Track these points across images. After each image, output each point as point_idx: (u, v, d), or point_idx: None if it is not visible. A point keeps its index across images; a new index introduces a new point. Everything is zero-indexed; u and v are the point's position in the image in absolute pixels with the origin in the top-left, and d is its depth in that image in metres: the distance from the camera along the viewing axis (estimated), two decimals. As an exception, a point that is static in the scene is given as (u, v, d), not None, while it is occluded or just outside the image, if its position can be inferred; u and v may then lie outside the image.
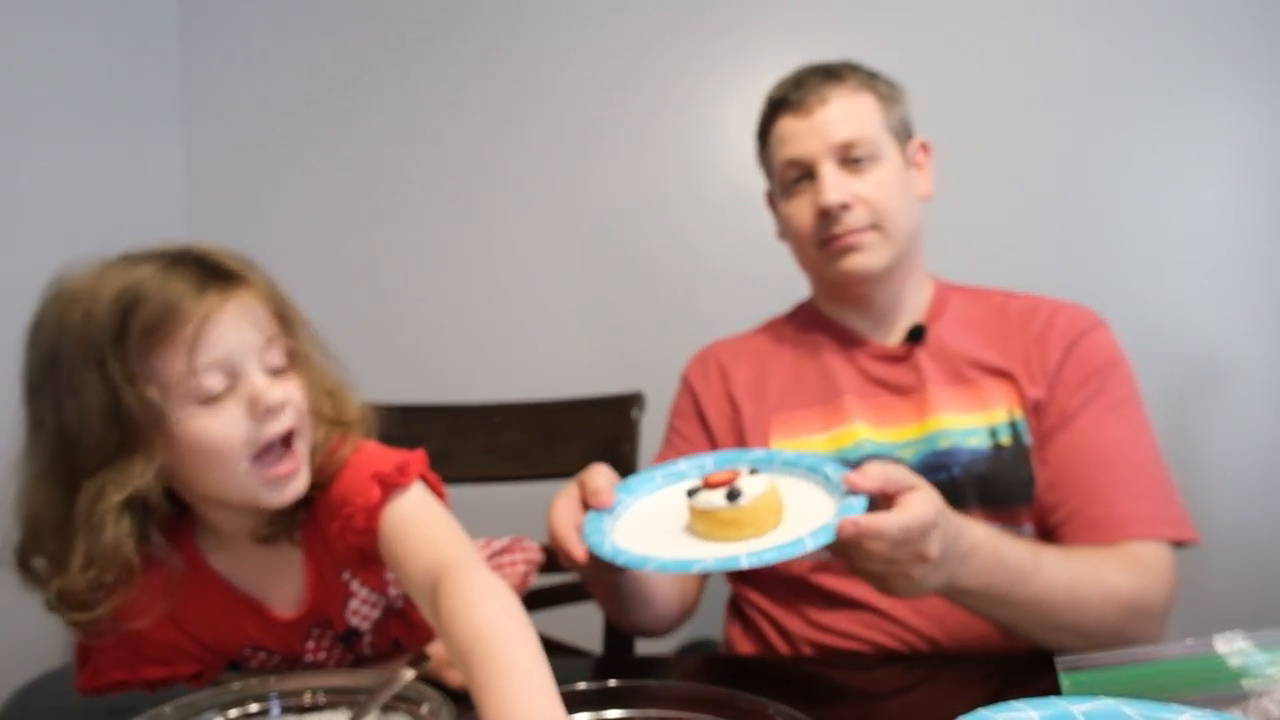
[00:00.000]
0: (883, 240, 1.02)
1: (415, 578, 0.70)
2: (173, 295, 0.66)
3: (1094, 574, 0.83)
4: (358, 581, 0.79)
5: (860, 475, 0.72)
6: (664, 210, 1.94)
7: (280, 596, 0.78)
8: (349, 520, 0.73)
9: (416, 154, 2.04)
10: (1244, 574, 1.67)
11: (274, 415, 0.69)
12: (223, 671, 0.81)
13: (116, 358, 0.64)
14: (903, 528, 0.67)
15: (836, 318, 1.10)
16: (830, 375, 1.06)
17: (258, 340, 0.70)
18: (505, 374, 1.95)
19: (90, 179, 1.93)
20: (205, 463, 0.68)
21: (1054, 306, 1.04)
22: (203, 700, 0.68)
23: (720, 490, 0.74)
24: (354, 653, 0.84)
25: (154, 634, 0.75)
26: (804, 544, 0.67)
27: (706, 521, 0.74)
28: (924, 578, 0.71)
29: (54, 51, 1.87)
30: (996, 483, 0.95)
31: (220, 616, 0.77)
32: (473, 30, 2.04)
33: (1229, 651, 0.60)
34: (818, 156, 1.01)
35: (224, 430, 0.67)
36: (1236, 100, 1.75)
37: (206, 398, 0.67)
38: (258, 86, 2.13)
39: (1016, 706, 0.54)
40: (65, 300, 0.68)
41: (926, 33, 1.83)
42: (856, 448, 1.00)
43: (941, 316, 1.06)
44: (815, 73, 1.05)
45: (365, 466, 0.75)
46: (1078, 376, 0.97)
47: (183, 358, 0.65)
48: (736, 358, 1.14)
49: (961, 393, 1.00)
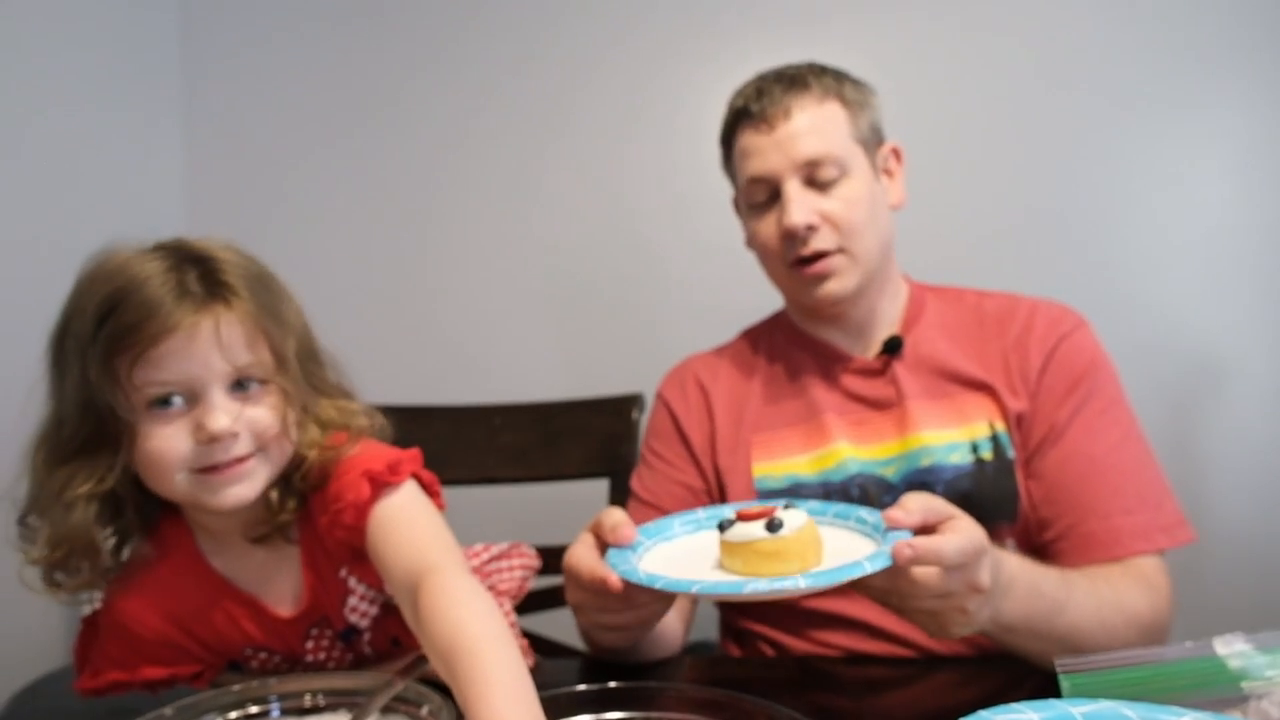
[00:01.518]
0: (851, 263, 0.98)
1: (397, 576, 0.70)
2: (152, 304, 0.66)
3: (1116, 597, 0.82)
4: (355, 578, 0.79)
5: (901, 511, 0.69)
6: (683, 210, 1.95)
7: (279, 595, 0.79)
8: (338, 516, 0.74)
9: (416, 155, 2.05)
10: (1243, 574, 1.67)
11: (220, 443, 0.69)
12: (223, 672, 0.81)
13: (94, 354, 0.66)
14: (959, 550, 0.65)
15: (812, 332, 1.07)
16: (809, 393, 1.03)
17: (224, 364, 0.69)
18: (506, 374, 1.95)
19: (90, 179, 1.93)
20: (147, 471, 0.70)
21: (1031, 307, 1.01)
22: (203, 702, 0.68)
23: (758, 522, 0.70)
24: (354, 651, 0.84)
25: (154, 633, 0.75)
26: (862, 566, 0.63)
27: (744, 555, 0.69)
28: (978, 610, 0.68)
29: (54, 51, 1.87)
30: (980, 500, 0.92)
31: (220, 616, 0.77)
32: (473, 31, 2.04)
33: (1229, 654, 0.60)
34: (782, 174, 0.97)
35: (168, 445, 0.68)
36: (1235, 100, 1.75)
37: (160, 411, 0.68)
38: (258, 86, 2.13)
39: (1016, 708, 0.54)
40: (82, 283, 0.70)
41: (927, 33, 1.83)
42: (840, 468, 0.98)
43: (918, 323, 1.04)
44: (778, 81, 1.00)
45: (358, 464, 0.75)
46: (1062, 385, 0.95)
47: (147, 368, 0.66)
48: (714, 375, 1.10)
49: (941, 407, 0.98)
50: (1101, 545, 0.89)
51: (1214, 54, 1.74)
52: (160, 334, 0.66)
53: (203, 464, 0.69)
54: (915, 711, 0.75)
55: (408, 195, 2.03)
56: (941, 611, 0.68)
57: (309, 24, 2.10)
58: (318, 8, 2.09)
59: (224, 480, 0.70)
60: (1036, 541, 0.94)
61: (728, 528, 0.71)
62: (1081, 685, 0.60)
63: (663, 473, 1.07)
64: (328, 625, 0.81)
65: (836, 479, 0.97)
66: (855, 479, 0.97)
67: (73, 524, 0.69)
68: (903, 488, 0.95)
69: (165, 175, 2.12)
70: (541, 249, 2.00)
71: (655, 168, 1.97)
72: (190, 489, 0.70)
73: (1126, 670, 0.60)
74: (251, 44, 2.13)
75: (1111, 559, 0.88)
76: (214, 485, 0.70)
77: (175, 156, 2.16)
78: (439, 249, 2.04)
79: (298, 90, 2.10)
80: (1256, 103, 1.73)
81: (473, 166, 2.03)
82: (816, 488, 0.98)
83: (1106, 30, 1.79)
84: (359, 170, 2.05)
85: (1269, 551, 1.71)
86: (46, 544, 0.69)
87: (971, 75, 1.83)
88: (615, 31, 1.97)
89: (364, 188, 2.05)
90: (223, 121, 2.14)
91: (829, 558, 0.70)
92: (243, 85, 2.13)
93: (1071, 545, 0.90)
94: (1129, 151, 1.80)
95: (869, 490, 0.96)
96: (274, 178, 2.06)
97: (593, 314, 1.97)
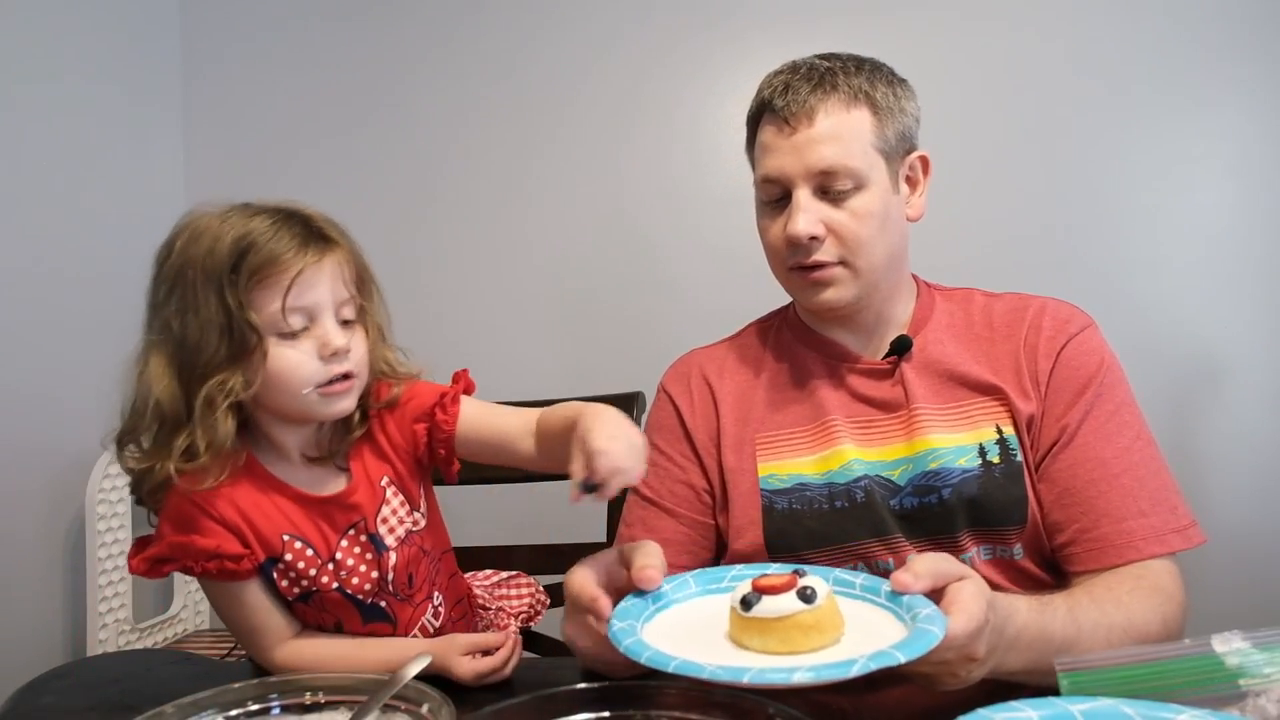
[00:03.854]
0: (851, 277, 0.97)
1: (514, 426, 0.93)
2: (279, 248, 0.82)
3: (1126, 620, 0.81)
4: (394, 489, 0.93)
5: (910, 575, 0.68)
6: (682, 210, 1.95)
7: (324, 490, 0.91)
8: (432, 409, 0.93)
9: (415, 154, 2.05)
10: (1242, 573, 1.67)
11: (338, 358, 0.85)
12: (264, 561, 0.87)
13: (231, 288, 0.81)
14: (965, 632, 0.64)
15: (820, 331, 1.06)
16: (815, 393, 1.02)
17: (336, 296, 0.86)
18: (505, 373, 1.95)
19: (90, 179, 1.94)
20: (277, 384, 0.84)
21: (1039, 307, 1.00)
22: (203, 700, 0.68)
23: (788, 595, 0.65)
24: (380, 571, 0.91)
25: (215, 504, 0.85)
26: (896, 657, 0.60)
27: (780, 631, 0.65)
28: (969, 674, 0.69)
29: (54, 52, 1.87)
30: (988, 504, 0.92)
31: (269, 502, 0.88)
32: (472, 30, 2.04)
33: (1227, 651, 0.60)
34: (795, 180, 0.95)
35: (297, 362, 0.84)
36: (1235, 101, 1.75)
37: (288, 333, 0.84)
38: (258, 85, 2.13)
39: (1016, 706, 0.54)
40: (193, 234, 0.84)
41: (927, 33, 1.83)
42: (846, 470, 0.97)
43: (927, 324, 1.03)
44: (807, 78, 0.97)
45: (426, 386, 0.96)
46: (1072, 386, 0.95)
47: (277, 299, 0.82)
48: (720, 370, 1.09)
49: (949, 410, 0.97)
50: (1115, 548, 0.88)
51: (1214, 55, 1.75)
52: (295, 268, 0.82)
53: (326, 378, 0.85)
54: (915, 711, 0.75)
55: (407, 193, 2.03)
56: (934, 675, 0.69)
57: (309, 23, 2.10)
58: (318, 7, 2.09)
59: (338, 394, 0.86)
60: (1047, 546, 0.93)
61: (751, 604, 0.66)
62: (1081, 683, 0.60)
63: (665, 470, 1.05)
64: (364, 529, 0.91)
65: (842, 481, 0.97)
66: (861, 481, 0.96)
67: (220, 436, 0.82)
68: (909, 490, 0.95)
69: (165, 172, 2.13)
70: (540, 248, 2.01)
71: (655, 168, 1.97)
72: (309, 402, 0.85)
73: (1125, 668, 0.60)
74: (252, 42, 2.13)
75: (1125, 562, 0.87)
76: (330, 399, 0.86)
77: (175, 154, 2.16)
78: (438, 248, 2.04)
79: (297, 89, 2.11)
80: (1257, 103, 1.74)
81: (471, 166, 2.04)
82: (821, 489, 0.97)
83: (1108, 33, 1.79)
84: (358, 169, 2.06)
85: (1269, 551, 1.71)
86: (180, 454, 0.82)
87: (972, 77, 1.83)
88: (614, 32, 1.97)
89: (363, 186, 2.05)
90: (223, 121, 2.14)
91: (851, 627, 0.68)
92: (243, 84, 2.14)
93: (1084, 549, 0.89)
94: (1129, 152, 1.80)
95: (875, 493, 0.96)
96: (273, 177, 2.06)
97: (592, 312, 1.97)
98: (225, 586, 0.87)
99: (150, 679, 0.95)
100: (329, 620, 0.92)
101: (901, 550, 0.94)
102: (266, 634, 0.90)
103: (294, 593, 0.89)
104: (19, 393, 1.75)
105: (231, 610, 0.89)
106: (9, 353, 1.72)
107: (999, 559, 0.94)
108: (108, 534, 1.83)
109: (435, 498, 1.01)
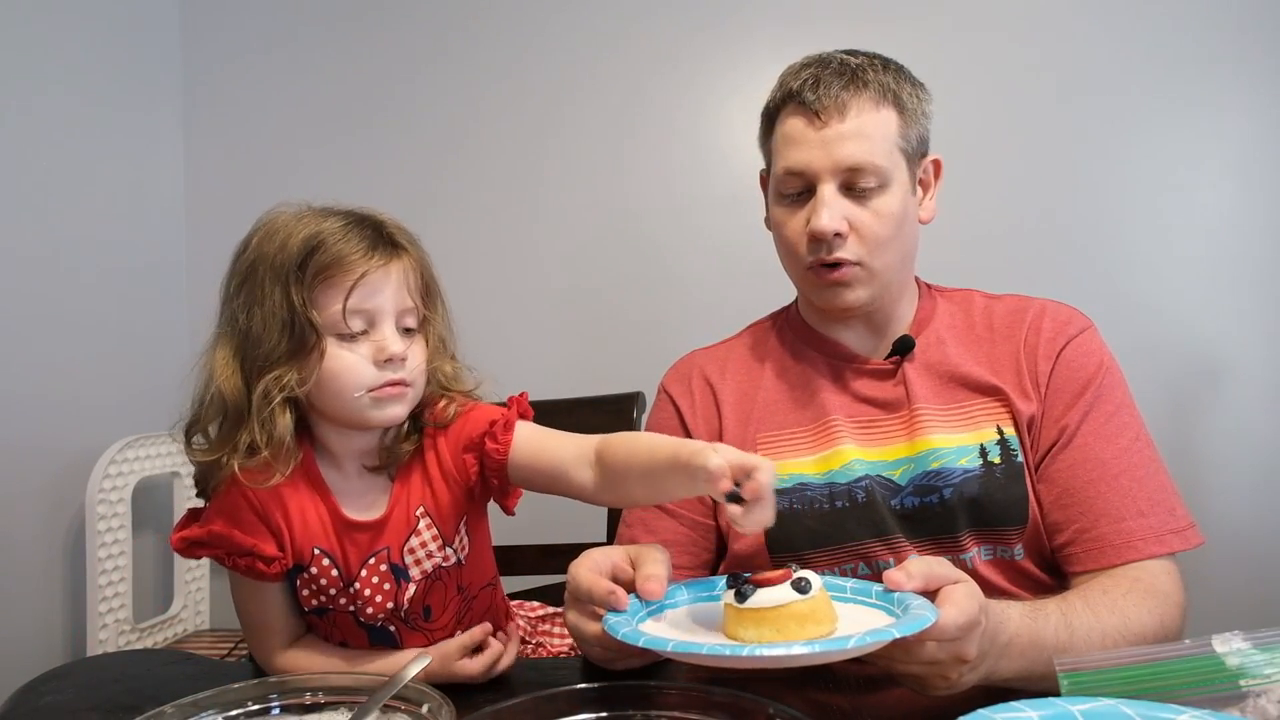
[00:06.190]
0: (868, 277, 0.97)
1: (569, 453, 0.88)
2: (346, 249, 0.83)
3: (1121, 624, 0.81)
4: (427, 520, 0.90)
5: (903, 574, 0.69)
6: (683, 210, 1.95)
7: (360, 510, 0.89)
8: (484, 434, 0.89)
9: (416, 155, 2.05)
10: (1242, 573, 1.67)
11: (393, 365, 0.84)
12: (290, 567, 0.87)
13: (296, 284, 0.81)
14: (957, 625, 0.64)
15: (823, 330, 1.06)
16: (817, 393, 1.02)
17: (399, 303, 0.86)
18: (506, 373, 1.95)
19: (90, 179, 1.93)
20: (331, 385, 0.83)
21: (1039, 309, 1.01)
22: (203, 700, 0.68)
23: (782, 586, 0.68)
24: (395, 602, 0.89)
25: (264, 502, 0.85)
26: (891, 633, 0.61)
27: (775, 620, 0.67)
28: (960, 678, 0.69)
29: (55, 53, 1.87)
30: (988, 504, 0.92)
31: (312, 510, 0.87)
32: (473, 31, 2.04)
33: (1227, 651, 0.60)
34: (821, 174, 0.95)
35: (352, 364, 0.83)
36: (1235, 101, 1.75)
37: (347, 335, 0.83)
38: (258, 87, 2.13)
39: (1016, 706, 0.54)
40: (268, 230, 0.85)
41: (928, 37, 1.83)
42: (847, 470, 0.97)
43: (929, 325, 1.04)
44: (838, 74, 0.96)
45: (483, 408, 0.93)
46: (1072, 388, 0.95)
47: (339, 300, 0.82)
48: (722, 371, 1.09)
49: (951, 410, 0.98)
50: (1113, 548, 0.88)
51: (1215, 56, 1.75)
52: (359, 270, 0.82)
53: (379, 383, 0.83)
54: (915, 710, 0.75)
55: (408, 195, 2.03)
56: (925, 676, 0.69)
57: (311, 25, 2.10)
58: (319, 8, 2.10)
59: (390, 399, 0.84)
60: (1047, 547, 0.93)
61: (746, 596, 0.68)
62: (1081, 683, 0.60)
63: None
64: (386, 559, 0.88)
65: (842, 481, 0.97)
66: (862, 481, 0.96)
67: (278, 431, 0.82)
68: (910, 490, 0.95)
69: (166, 173, 2.12)
70: (540, 248, 2.01)
71: (655, 168, 1.97)
72: (361, 405, 0.84)
73: (1125, 669, 0.60)
74: (252, 43, 2.13)
75: (1123, 562, 0.87)
76: (382, 403, 0.84)
77: (176, 155, 2.16)
78: (439, 249, 2.03)
79: (298, 91, 2.11)
80: (1257, 103, 1.74)
81: (473, 168, 2.04)
82: (822, 489, 0.97)
83: (1108, 35, 1.79)
84: (359, 169, 2.06)
85: (1269, 551, 1.71)
86: (243, 448, 0.82)
87: (973, 79, 1.83)
88: (617, 34, 1.97)
89: (364, 187, 2.05)
90: (223, 122, 2.14)
91: (843, 615, 0.70)
92: (243, 85, 2.14)
93: (1083, 550, 0.90)
94: (1130, 153, 1.80)
95: (875, 493, 0.96)
96: (274, 178, 2.06)
97: (593, 313, 1.97)
98: (249, 580, 0.87)
99: (150, 679, 0.95)
100: (336, 637, 0.92)
101: (902, 550, 0.94)
102: (274, 634, 0.90)
103: (312, 604, 0.89)
104: (19, 393, 1.75)
105: (248, 603, 0.89)
106: (9, 353, 1.72)
107: (1000, 559, 0.94)
108: (108, 534, 1.83)
109: (488, 530, 0.99)
